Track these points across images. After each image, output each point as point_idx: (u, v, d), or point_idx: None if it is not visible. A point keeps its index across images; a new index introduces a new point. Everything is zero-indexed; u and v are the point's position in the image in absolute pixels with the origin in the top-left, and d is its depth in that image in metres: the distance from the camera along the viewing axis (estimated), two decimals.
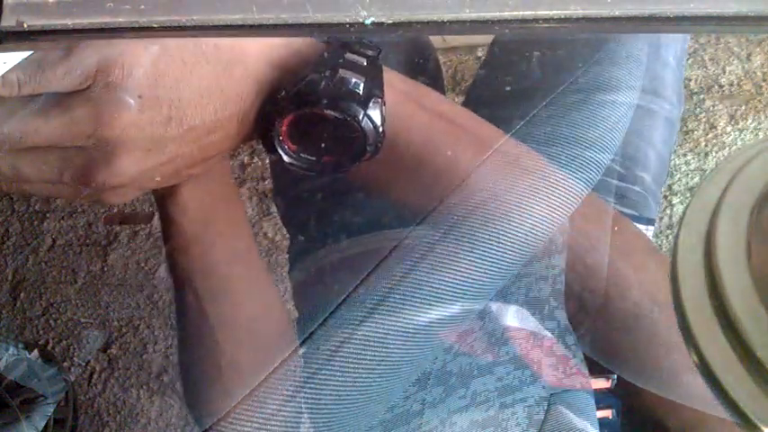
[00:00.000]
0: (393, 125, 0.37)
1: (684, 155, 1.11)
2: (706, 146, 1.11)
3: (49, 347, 1.06)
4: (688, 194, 1.09)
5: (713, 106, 1.13)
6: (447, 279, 0.36)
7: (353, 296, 0.36)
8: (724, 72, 1.15)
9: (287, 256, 0.63)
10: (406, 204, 0.42)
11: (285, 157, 0.37)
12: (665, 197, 1.08)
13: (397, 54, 0.63)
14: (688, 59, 1.17)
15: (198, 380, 0.43)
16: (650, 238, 0.65)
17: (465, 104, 0.74)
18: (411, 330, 0.36)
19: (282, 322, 0.46)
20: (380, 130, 0.36)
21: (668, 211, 1.07)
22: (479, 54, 1.19)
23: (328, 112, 0.35)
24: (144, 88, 0.33)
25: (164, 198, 0.41)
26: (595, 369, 0.42)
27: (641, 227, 0.63)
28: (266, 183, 1.12)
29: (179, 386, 0.45)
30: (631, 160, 0.62)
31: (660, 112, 0.63)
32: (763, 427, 0.20)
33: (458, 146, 0.39)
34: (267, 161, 1.10)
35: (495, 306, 0.41)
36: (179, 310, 0.43)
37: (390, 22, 0.29)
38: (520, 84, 0.58)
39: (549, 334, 0.42)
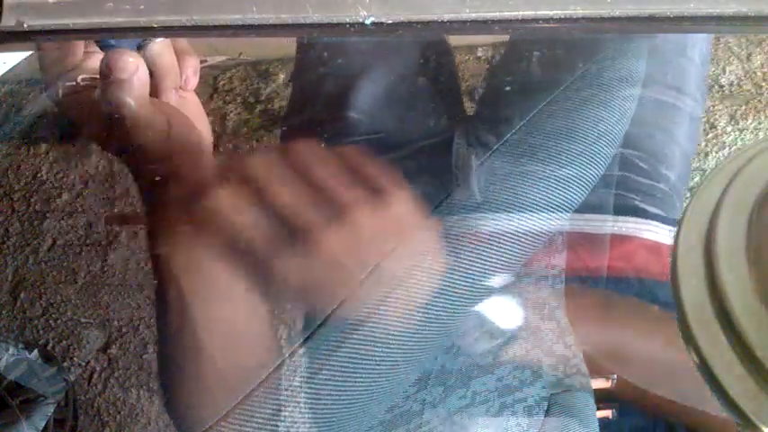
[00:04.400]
0: None
1: None
2: (706, 146, 1.11)
3: (49, 347, 1.06)
4: (688, 194, 1.09)
5: (713, 106, 1.13)
6: (447, 279, 0.36)
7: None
8: (724, 72, 1.15)
9: None
10: None
11: None
12: None
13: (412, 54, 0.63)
14: None
15: (180, 385, 0.42)
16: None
17: (481, 102, 0.74)
18: (411, 330, 0.36)
19: (266, 325, 0.45)
20: None
21: None
22: (479, 54, 1.18)
23: None
24: None
25: None
26: (595, 369, 0.42)
27: (668, 228, 0.58)
28: None
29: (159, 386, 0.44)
30: (656, 157, 0.59)
31: (684, 108, 0.60)
32: (763, 427, 0.20)
33: None
34: None
35: (493, 306, 0.41)
36: (160, 309, 0.42)
37: (390, 22, 0.29)
38: (533, 80, 0.58)
39: (550, 334, 0.42)
